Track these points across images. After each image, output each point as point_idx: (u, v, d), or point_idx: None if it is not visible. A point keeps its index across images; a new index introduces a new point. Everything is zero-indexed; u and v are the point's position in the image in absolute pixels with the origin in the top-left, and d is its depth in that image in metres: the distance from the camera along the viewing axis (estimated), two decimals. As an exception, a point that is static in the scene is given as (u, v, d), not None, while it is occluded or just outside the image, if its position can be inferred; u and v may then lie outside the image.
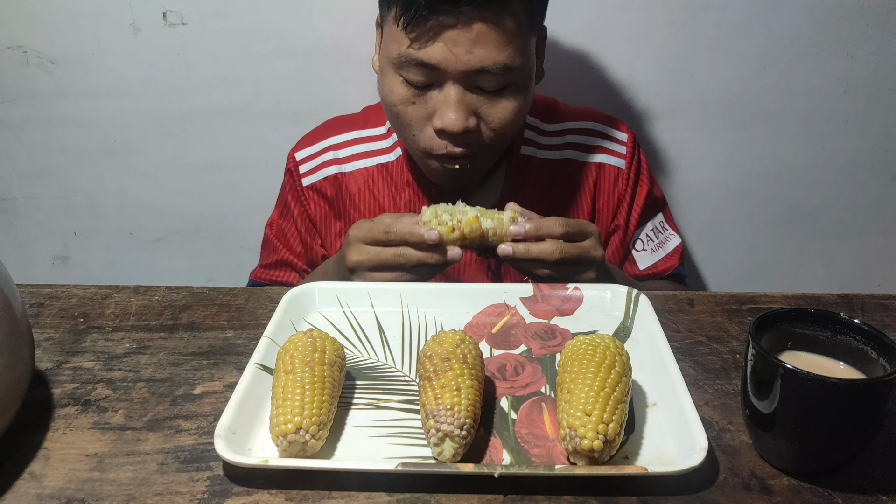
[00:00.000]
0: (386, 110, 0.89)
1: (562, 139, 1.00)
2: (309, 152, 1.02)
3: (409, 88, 0.83)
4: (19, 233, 1.33)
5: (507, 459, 0.54)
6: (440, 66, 0.79)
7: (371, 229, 0.76)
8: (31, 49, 1.17)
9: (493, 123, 0.83)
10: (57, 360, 0.67)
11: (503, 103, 0.83)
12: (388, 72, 0.84)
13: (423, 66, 0.80)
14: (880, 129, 1.21)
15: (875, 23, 1.13)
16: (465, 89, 0.81)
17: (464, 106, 0.81)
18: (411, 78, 0.81)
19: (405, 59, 0.80)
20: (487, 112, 0.83)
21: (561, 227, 0.75)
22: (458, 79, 0.80)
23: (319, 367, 0.56)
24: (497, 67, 0.79)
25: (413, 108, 0.83)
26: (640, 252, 1.04)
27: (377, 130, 1.01)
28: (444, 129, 0.81)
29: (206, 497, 0.51)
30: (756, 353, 0.50)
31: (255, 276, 1.05)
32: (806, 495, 0.51)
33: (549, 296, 0.75)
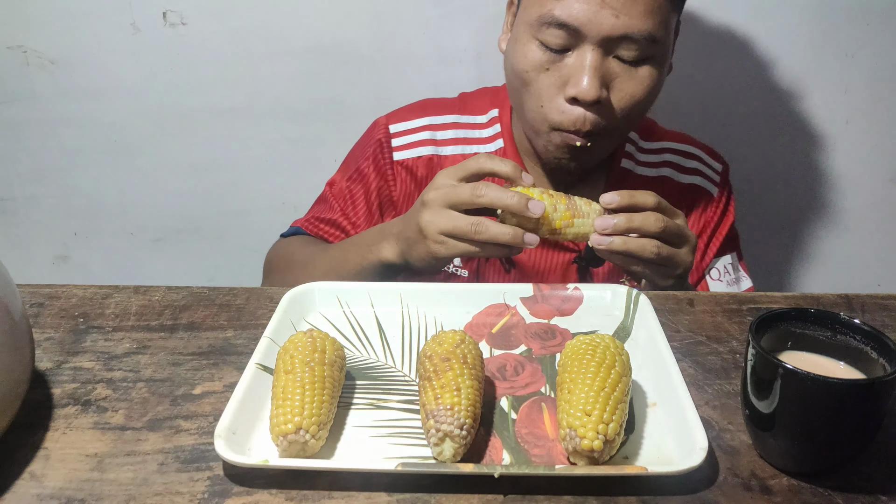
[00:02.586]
0: (514, 80, 0.85)
1: (660, 157, 1.00)
2: (405, 127, 0.98)
3: (544, 52, 0.80)
4: (19, 233, 1.33)
5: (507, 459, 0.54)
6: (582, 28, 0.76)
7: (457, 188, 0.71)
8: (31, 49, 1.17)
9: (626, 98, 0.81)
10: (57, 360, 0.67)
11: (640, 77, 0.80)
12: (524, 37, 0.81)
13: (564, 27, 0.77)
14: (880, 130, 1.21)
15: (876, 23, 1.13)
16: (604, 56, 0.78)
17: (600, 74, 0.78)
18: (549, 41, 0.79)
19: (547, 18, 0.78)
20: (622, 85, 0.80)
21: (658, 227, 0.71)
22: (598, 43, 0.77)
23: (319, 367, 0.56)
24: (642, 35, 0.76)
25: (546, 76, 0.81)
26: (715, 281, 1.01)
27: (477, 118, 0.98)
28: (577, 96, 0.79)
29: (206, 497, 0.51)
30: (756, 353, 0.50)
31: (302, 225, 1.01)
32: (806, 495, 0.51)
33: (549, 296, 0.75)
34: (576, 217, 0.73)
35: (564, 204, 0.73)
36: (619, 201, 0.72)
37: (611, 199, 0.72)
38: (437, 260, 0.74)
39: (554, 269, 0.96)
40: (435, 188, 0.73)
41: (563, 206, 0.72)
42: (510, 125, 0.96)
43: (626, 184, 0.96)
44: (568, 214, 0.72)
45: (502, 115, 0.97)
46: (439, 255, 0.73)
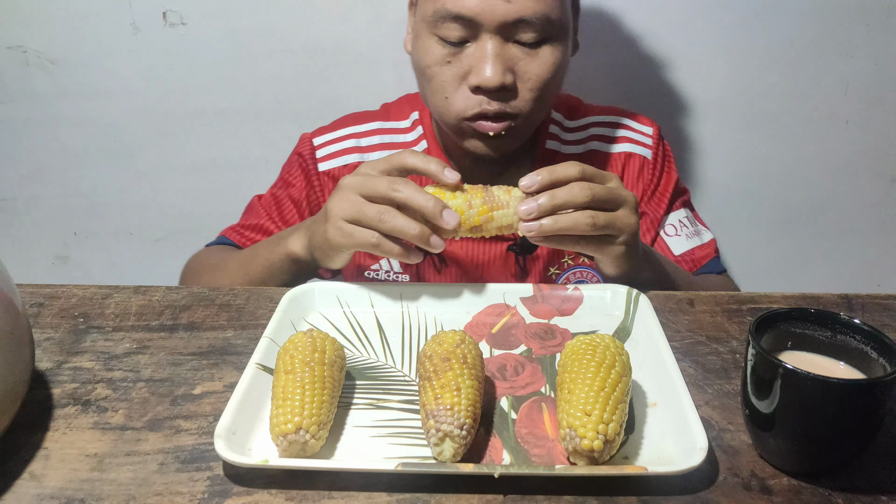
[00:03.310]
0: (419, 78, 0.86)
1: (585, 132, 0.99)
2: (328, 138, 0.99)
3: (444, 47, 0.80)
4: (19, 233, 1.33)
5: (507, 459, 0.54)
6: (477, 17, 0.77)
7: (374, 178, 0.68)
8: (31, 49, 1.17)
9: (531, 80, 0.80)
10: (57, 360, 0.67)
11: (541, 58, 0.80)
12: (423, 34, 0.82)
13: (459, 20, 0.77)
14: (881, 130, 1.21)
15: (876, 23, 1.13)
16: (503, 42, 0.78)
17: (501, 60, 0.78)
18: (446, 34, 0.79)
19: (441, 13, 0.78)
20: (525, 68, 0.80)
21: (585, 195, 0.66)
22: (496, 31, 0.77)
23: (319, 367, 0.56)
24: (537, 17, 0.77)
25: (448, 69, 0.81)
26: (672, 237, 0.98)
27: (401, 123, 0.99)
28: (480, 84, 0.79)
29: (206, 497, 0.51)
30: (756, 353, 0.50)
31: (227, 234, 1.00)
32: (806, 495, 0.51)
33: (549, 296, 0.75)
34: (494, 210, 0.68)
35: (480, 198, 0.68)
36: (539, 180, 0.67)
37: (530, 181, 0.67)
38: (332, 249, 0.71)
39: (492, 260, 0.94)
40: (354, 174, 0.71)
41: (478, 201, 0.68)
42: (431, 126, 0.97)
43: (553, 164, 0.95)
44: (485, 209, 0.68)
45: (423, 118, 0.98)
46: (335, 241, 0.69)
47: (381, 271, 0.96)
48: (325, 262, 0.76)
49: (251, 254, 0.85)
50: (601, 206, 0.68)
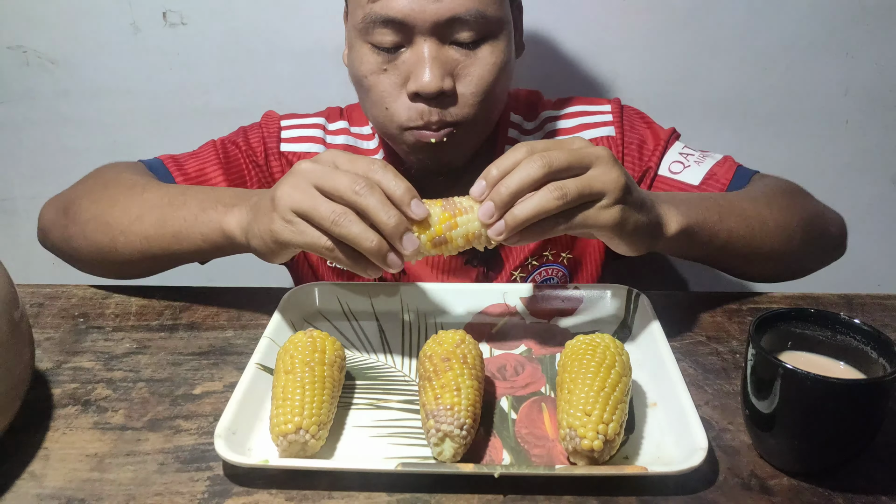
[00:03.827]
0: (357, 89, 0.81)
1: (542, 132, 0.94)
2: (296, 122, 0.95)
3: (378, 54, 0.76)
4: (19, 233, 1.33)
5: (507, 459, 0.54)
6: (407, 19, 0.72)
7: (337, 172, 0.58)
8: (31, 49, 1.17)
9: (473, 83, 0.76)
10: (57, 360, 0.67)
11: (481, 58, 0.75)
12: (356, 43, 0.77)
13: (389, 24, 0.73)
14: (880, 130, 1.21)
15: (876, 23, 1.13)
16: (440, 44, 0.74)
17: (439, 63, 0.74)
18: (379, 41, 0.75)
19: (371, 18, 0.74)
20: (465, 70, 0.75)
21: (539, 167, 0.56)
22: (430, 32, 0.73)
23: (319, 367, 0.56)
24: (471, 14, 0.72)
25: (384, 77, 0.76)
26: (682, 172, 0.88)
27: (363, 129, 0.95)
28: (418, 90, 0.74)
29: (206, 497, 0.51)
30: (756, 353, 0.50)
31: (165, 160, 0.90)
32: (806, 495, 0.51)
33: (549, 296, 0.75)
34: (457, 215, 0.59)
35: (440, 206, 0.60)
36: (487, 180, 0.58)
37: (479, 189, 0.59)
38: (276, 242, 0.61)
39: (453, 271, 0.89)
40: (314, 161, 0.60)
41: (437, 209, 0.60)
42: None
43: None
44: (447, 215, 0.59)
45: None
46: (280, 235, 0.59)
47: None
48: (261, 255, 0.65)
49: (175, 201, 0.72)
50: (567, 174, 0.57)
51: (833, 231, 0.85)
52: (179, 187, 0.77)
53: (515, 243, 0.59)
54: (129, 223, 0.73)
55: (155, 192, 0.74)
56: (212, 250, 0.71)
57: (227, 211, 0.68)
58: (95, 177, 0.83)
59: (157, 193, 0.74)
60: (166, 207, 0.72)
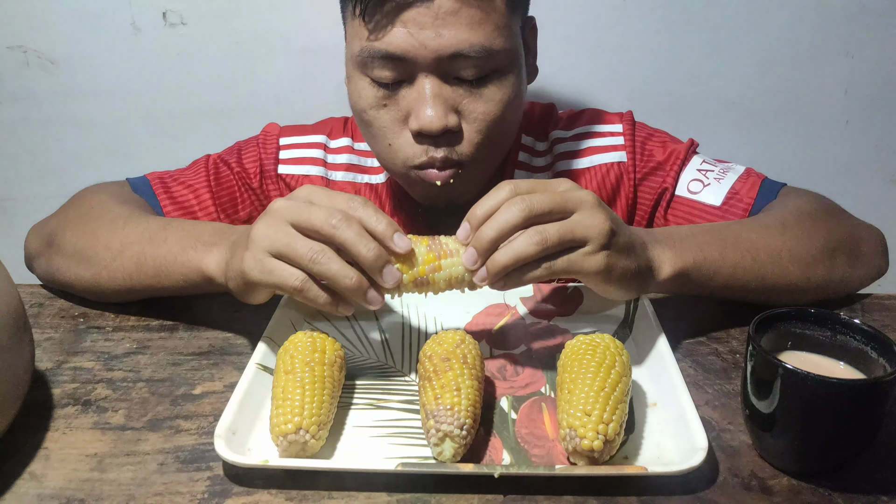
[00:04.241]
0: (358, 123, 0.78)
1: (551, 155, 0.90)
2: (296, 141, 0.91)
3: (377, 89, 0.72)
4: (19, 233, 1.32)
5: (507, 459, 0.54)
6: (407, 55, 0.68)
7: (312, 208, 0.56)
8: (31, 49, 1.17)
9: (478, 121, 0.72)
10: (57, 360, 0.67)
11: (487, 95, 0.71)
12: (355, 75, 0.74)
13: (388, 59, 0.69)
14: (881, 130, 1.21)
15: (876, 23, 1.13)
16: (442, 81, 0.70)
17: (441, 101, 0.70)
18: (378, 76, 0.71)
19: (367, 53, 0.70)
20: (470, 107, 0.71)
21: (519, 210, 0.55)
22: (431, 69, 0.69)
23: (319, 367, 0.56)
24: (475, 50, 0.68)
25: (385, 112, 0.73)
26: (702, 192, 0.84)
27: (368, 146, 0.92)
28: (420, 129, 0.70)
29: (206, 497, 0.51)
30: (756, 353, 0.51)
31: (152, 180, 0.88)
32: (806, 495, 0.51)
33: (549, 296, 0.75)
34: (442, 258, 0.58)
35: (426, 245, 0.58)
36: (471, 223, 0.58)
37: (464, 232, 0.58)
38: (246, 282, 0.59)
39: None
40: (289, 198, 0.59)
41: (423, 249, 0.58)
42: None
43: None
44: (431, 256, 0.58)
45: None
46: (251, 276, 0.57)
47: None
48: (238, 295, 0.63)
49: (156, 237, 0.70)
50: (549, 218, 0.56)
51: (866, 250, 0.77)
52: (161, 220, 0.74)
53: (501, 289, 0.58)
54: (111, 259, 0.71)
55: (135, 227, 0.72)
56: (192, 288, 0.69)
57: (206, 251, 0.66)
58: (79, 204, 0.81)
59: (137, 228, 0.72)
60: (146, 244, 0.70)
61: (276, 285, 0.57)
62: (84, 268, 0.73)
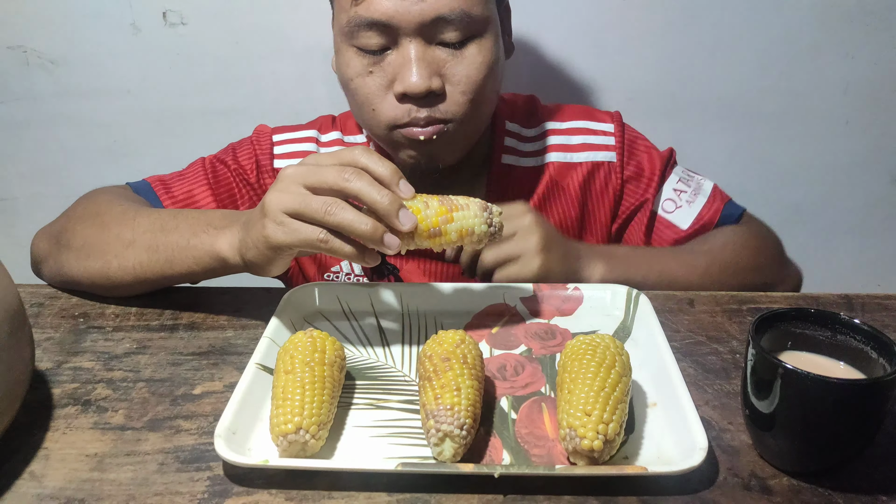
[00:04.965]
0: (346, 93, 0.82)
1: (541, 143, 0.94)
2: (288, 136, 0.94)
3: (364, 57, 0.76)
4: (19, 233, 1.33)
5: (507, 459, 0.54)
6: (391, 21, 0.73)
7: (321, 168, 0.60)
8: (32, 49, 1.17)
9: (462, 83, 0.76)
10: (57, 360, 0.67)
11: (469, 57, 0.76)
12: (342, 47, 0.78)
13: (373, 26, 0.74)
14: (880, 130, 1.21)
15: (876, 23, 1.13)
16: (426, 45, 0.75)
17: (425, 63, 0.74)
18: (364, 44, 0.75)
19: (355, 21, 0.74)
20: (453, 70, 0.76)
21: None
22: (415, 33, 0.74)
23: (319, 367, 0.56)
24: (455, 14, 0.73)
25: (370, 79, 0.77)
26: (675, 212, 0.92)
27: (357, 137, 0.94)
28: (405, 91, 0.74)
29: (206, 497, 0.51)
30: (756, 353, 0.50)
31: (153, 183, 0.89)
32: (806, 495, 0.51)
33: (549, 296, 0.75)
34: (454, 210, 0.62)
35: (437, 200, 0.62)
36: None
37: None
38: (270, 247, 0.61)
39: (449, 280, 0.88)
40: (298, 164, 0.63)
41: (435, 203, 0.62)
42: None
43: (509, 180, 0.91)
44: (443, 209, 0.61)
45: None
46: (275, 239, 0.60)
47: (342, 274, 0.92)
48: (258, 268, 0.65)
49: (167, 225, 0.72)
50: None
51: (781, 290, 0.87)
52: (170, 212, 0.77)
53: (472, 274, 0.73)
54: (122, 249, 0.73)
55: (146, 218, 0.74)
56: (203, 273, 0.71)
57: (218, 234, 0.69)
58: (85, 203, 0.82)
59: (148, 219, 0.74)
60: (158, 233, 0.72)
61: (301, 242, 0.60)
62: (93, 260, 0.74)
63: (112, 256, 0.73)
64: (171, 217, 0.74)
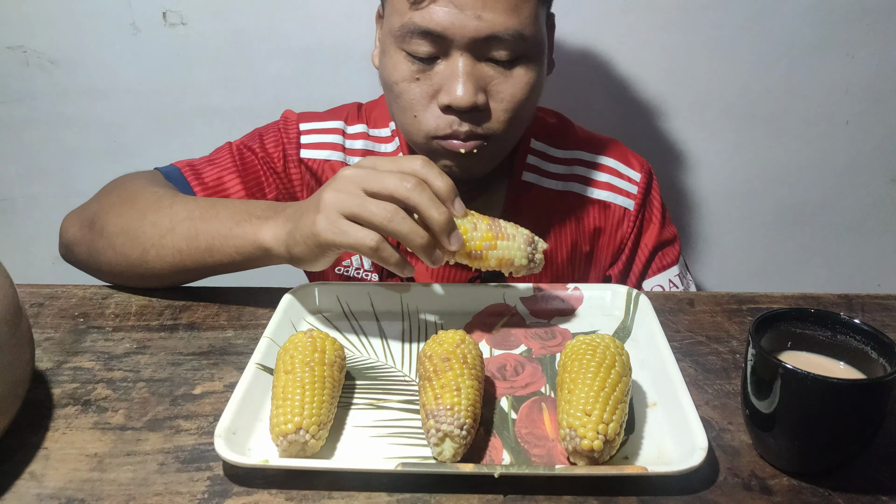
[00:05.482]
0: (387, 94, 0.82)
1: (569, 169, 0.93)
2: (316, 126, 0.94)
3: (412, 63, 0.76)
4: (19, 233, 1.33)
5: (507, 459, 0.54)
6: (446, 33, 0.72)
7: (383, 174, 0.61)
8: (31, 49, 1.17)
9: (505, 101, 0.76)
10: (57, 360, 0.67)
11: (516, 77, 0.76)
12: (391, 49, 0.77)
13: (427, 35, 0.73)
14: (881, 130, 1.21)
15: (876, 23, 1.13)
16: (475, 60, 0.74)
17: (473, 79, 0.74)
18: (415, 50, 0.75)
19: (408, 28, 0.74)
20: (498, 88, 0.76)
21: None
22: (466, 48, 0.73)
23: (319, 367, 0.56)
24: (509, 34, 0.73)
25: (416, 86, 0.76)
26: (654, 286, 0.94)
27: (382, 131, 0.94)
28: (450, 104, 0.74)
29: (206, 497, 0.51)
30: (756, 353, 0.50)
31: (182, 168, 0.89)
32: (806, 495, 0.51)
33: (549, 296, 0.75)
34: (499, 238, 0.64)
35: (486, 224, 0.64)
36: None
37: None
38: (319, 245, 0.62)
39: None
40: (357, 167, 0.63)
41: (484, 226, 0.64)
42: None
43: (528, 197, 0.91)
44: (490, 235, 0.63)
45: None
46: (325, 237, 0.61)
47: (352, 268, 0.92)
48: (303, 261, 0.66)
49: (206, 214, 0.72)
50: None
51: None
52: (208, 200, 0.76)
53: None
54: (161, 236, 0.72)
55: (183, 206, 0.74)
56: (245, 262, 0.72)
57: (261, 223, 0.69)
58: (118, 189, 0.82)
59: (186, 206, 0.74)
60: (198, 220, 0.72)
61: (352, 245, 0.61)
62: (130, 247, 0.74)
63: (150, 245, 0.73)
64: (210, 206, 0.73)
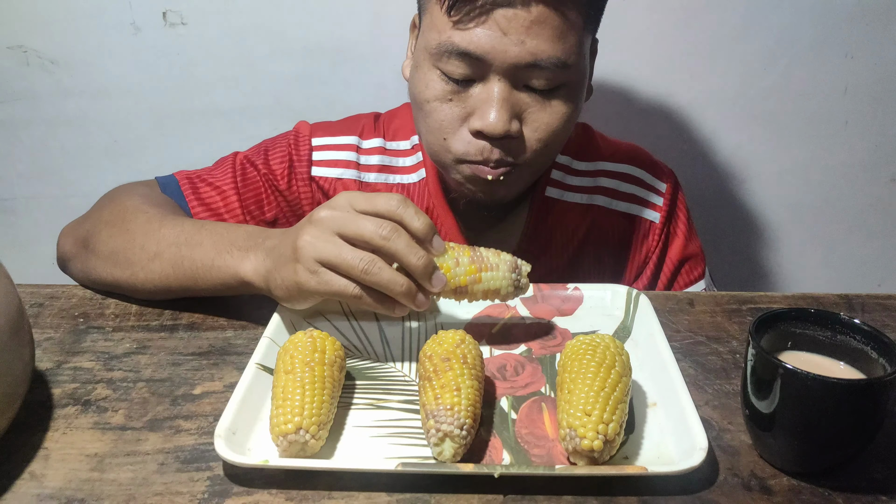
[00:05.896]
0: (415, 110, 0.79)
1: (593, 181, 0.91)
2: (329, 142, 0.91)
3: (447, 83, 0.73)
4: (19, 233, 1.33)
5: (507, 459, 0.54)
6: (486, 56, 0.69)
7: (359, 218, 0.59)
8: (32, 49, 1.17)
9: (540, 130, 0.74)
10: (57, 360, 0.67)
11: (554, 107, 0.73)
12: (425, 65, 0.74)
13: (465, 57, 0.70)
14: (880, 130, 1.21)
15: (875, 24, 1.13)
16: (512, 87, 0.72)
17: (508, 106, 0.71)
18: (451, 70, 0.72)
19: (446, 47, 0.71)
20: (534, 116, 0.73)
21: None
22: (505, 73, 0.70)
23: (319, 367, 0.56)
24: (551, 62, 0.70)
25: (448, 107, 0.74)
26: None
27: (401, 144, 0.91)
28: (482, 129, 0.72)
29: (206, 497, 0.51)
30: (756, 353, 0.50)
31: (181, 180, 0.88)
32: (806, 495, 0.51)
33: (549, 296, 0.75)
34: (483, 271, 0.63)
35: (468, 257, 0.63)
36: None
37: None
38: (300, 292, 0.61)
39: None
40: (331, 208, 0.60)
41: (466, 260, 0.62)
42: None
43: (552, 214, 0.90)
44: (473, 268, 0.62)
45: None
46: (306, 286, 0.60)
47: None
48: (285, 302, 0.65)
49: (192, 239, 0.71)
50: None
51: None
52: (195, 224, 0.74)
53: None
54: (149, 260, 0.72)
55: (171, 229, 0.73)
56: (229, 291, 0.70)
57: (242, 256, 0.67)
58: (111, 205, 0.81)
59: (173, 230, 0.73)
60: (183, 247, 0.71)
61: (334, 294, 0.60)
62: (120, 269, 0.74)
63: (138, 268, 0.72)
64: (196, 230, 0.72)
